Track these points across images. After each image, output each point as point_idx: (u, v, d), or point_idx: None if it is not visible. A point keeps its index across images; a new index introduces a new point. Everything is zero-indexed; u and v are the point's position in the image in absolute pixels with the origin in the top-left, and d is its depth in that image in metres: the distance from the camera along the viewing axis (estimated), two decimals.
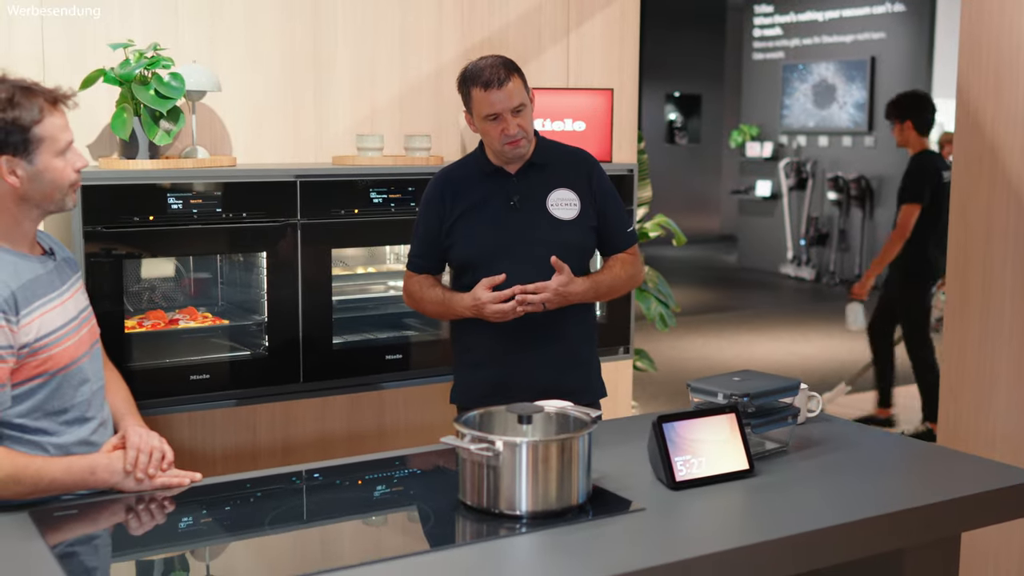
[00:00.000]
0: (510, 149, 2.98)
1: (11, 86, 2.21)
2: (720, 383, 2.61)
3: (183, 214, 3.32)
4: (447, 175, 3.14)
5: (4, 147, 2.19)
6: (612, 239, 3.14)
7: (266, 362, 3.52)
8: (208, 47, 3.68)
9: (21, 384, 2.22)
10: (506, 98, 2.91)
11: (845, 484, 2.43)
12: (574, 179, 3.09)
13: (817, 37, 12.79)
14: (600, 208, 3.10)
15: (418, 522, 2.30)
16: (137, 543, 2.15)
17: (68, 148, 2.27)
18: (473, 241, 3.04)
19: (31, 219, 2.29)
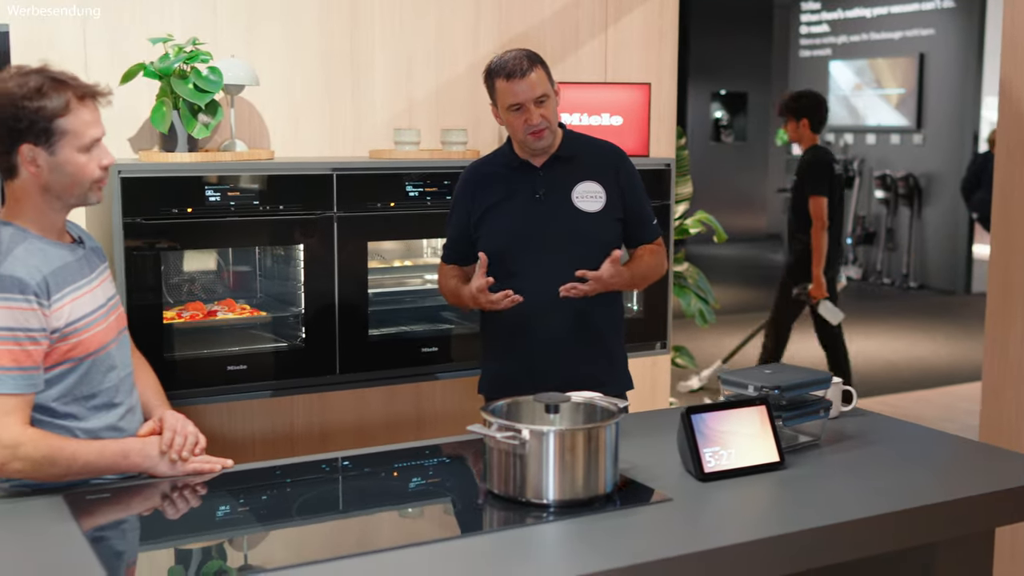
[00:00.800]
0: (533, 140, 3.00)
1: (43, 77, 2.24)
2: (751, 375, 2.60)
3: (221, 207, 3.35)
4: (476, 169, 3.19)
5: (26, 135, 2.22)
6: (637, 231, 3.16)
7: (303, 353, 3.55)
8: (246, 42, 3.72)
9: (51, 368, 2.26)
10: (528, 88, 2.94)
11: (877, 478, 2.41)
12: (600, 172, 3.10)
13: (865, 34, 12.66)
14: (626, 201, 3.11)
15: (446, 510, 2.30)
16: (169, 528, 2.17)
17: (94, 144, 2.29)
18: (499, 234, 3.07)
19: (55, 210, 2.32)
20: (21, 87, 2.21)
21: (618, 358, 3.21)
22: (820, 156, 6.37)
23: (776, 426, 2.44)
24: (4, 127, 2.22)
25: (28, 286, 2.19)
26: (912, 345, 8.88)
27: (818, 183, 6.28)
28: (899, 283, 12.09)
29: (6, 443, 2.15)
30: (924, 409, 6.75)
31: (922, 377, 7.77)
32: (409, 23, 3.98)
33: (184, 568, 2.02)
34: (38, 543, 2.03)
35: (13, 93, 2.21)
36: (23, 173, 2.26)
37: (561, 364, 3.05)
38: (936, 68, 11.81)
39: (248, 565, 2.02)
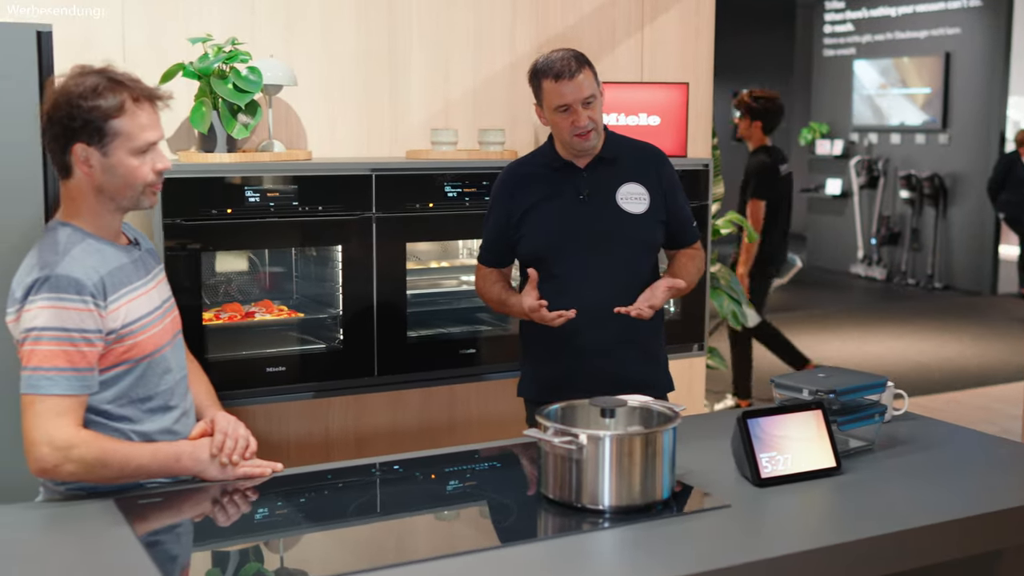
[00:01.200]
0: (579, 141, 2.97)
1: (101, 76, 2.22)
2: (805, 379, 2.56)
3: (260, 207, 3.33)
4: (516, 169, 3.15)
5: (80, 134, 2.20)
6: (678, 234, 3.13)
7: (341, 355, 3.52)
8: (284, 42, 3.70)
9: (107, 370, 2.24)
10: (576, 89, 2.90)
11: (936, 483, 2.37)
12: (643, 173, 3.07)
13: (890, 33, 12.58)
14: (667, 201, 3.08)
15: (500, 516, 2.27)
16: (221, 532, 2.15)
17: (149, 148, 2.26)
18: (543, 234, 3.03)
19: (109, 211, 2.29)
20: (78, 86, 2.19)
21: (660, 360, 3.18)
22: (766, 159, 6.49)
23: (832, 431, 2.40)
24: (59, 125, 2.20)
25: (85, 287, 2.17)
26: (941, 346, 8.81)
27: (760, 187, 6.42)
28: (924, 284, 12.01)
29: (59, 444, 2.14)
30: (958, 411, 6.70)
31: (953, 378, 7.71)
32: (446, 23, 3.96)
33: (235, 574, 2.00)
34: (92, 547, 2.02)
35: (70, 91, 2.19)
36: (77, 173, 2.24)
37: (603, 367, 3.02)
38: (962, 67, 11.73)
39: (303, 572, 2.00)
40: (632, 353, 3.06)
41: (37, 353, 2.14)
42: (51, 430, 2.13)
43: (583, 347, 3.02)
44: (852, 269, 12.90)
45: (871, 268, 12.65)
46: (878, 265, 12.57)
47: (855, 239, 12.91)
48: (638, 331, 3.05)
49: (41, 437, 2.14)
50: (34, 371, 2.14)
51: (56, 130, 2.21)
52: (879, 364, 8.00)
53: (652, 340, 3.13)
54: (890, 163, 12.51)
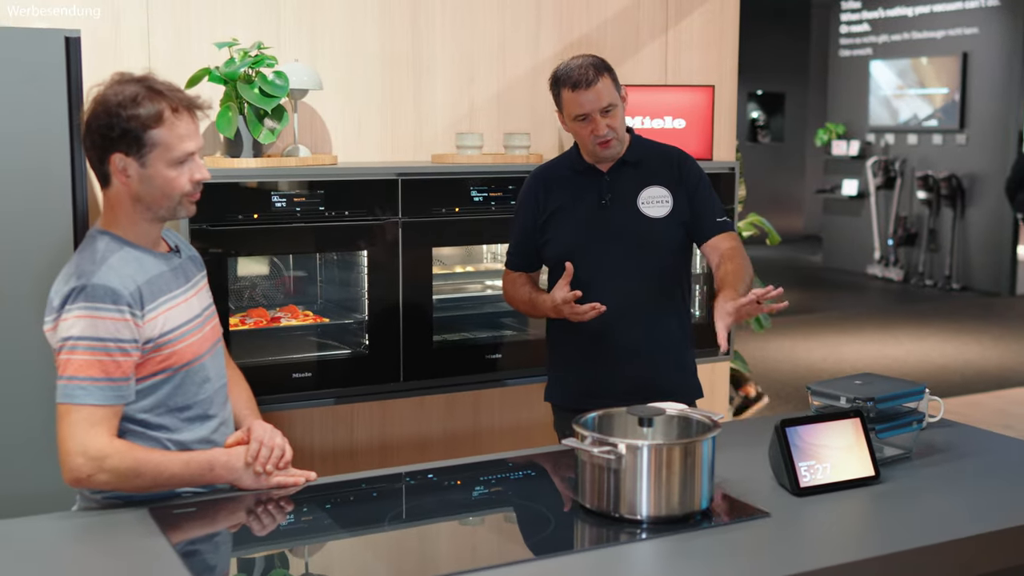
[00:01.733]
0: (601, 150, 2.95)
1: (141, 86, 2.20)
2: (842, 386, 2.53)
3: (286, 212, 3.32)
4: (541, 173, 3.13)
5: (118, 144, 2.19)
6: (703, 225, 3.02)
7: (367, 361, 3.51)
8: (309, 46, 3.69)
9: (145, 379, 2.22)
10: (595, 99, 2.88)
11: (977, 492, 2.34)
12: (665, 175, 3.04)
13: (907, 33, 12.52)
14: (690, 196, 3.03)
15: (536, 526, 2.25)
16: (256, 542, 2.13)
17: (187, 158, 2.24)
18: (565, 239, 3.02)
19: (147, 220, 2.28)
20: (117, 95, 2.17)
21: (688, 366, 3.15)
22: None
23: (871, 439, 2.37)
24: (98, 134, 2.19)
25: (121, 296, 2.16)
26: (960, 348, 8.77)
27: None
28: (942, 285, 11.95)
29: (92, 455, 2.12)
30: (977, 414, 6.65)
31: (974, 381, 7.66)
32: (470, 27, 3.94)
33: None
34: (127, 556, 2.01)
35: (109, 101, 2.17)
36: (115, 182, 2.23)
37: (631, 372, 3.00)
38: (980, 67, 11.67)
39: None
40: (660, 358, 3.04)
41: (72, 363, 2.13)
42: (85, 440, 2.12)
43: (610, 352, 3.00)
44: (869, 270, 12.85)
45: (888, 269, 12.59)
46: (895, 266, 12.51)
47: (872, 240, 12.86)
48: (666, 335, 3.03)
49: (75, 447, 2.12)
50: (69, 380, 2.13)
51: (95, 139, 2.20)
52: (900, 367, 7.96)
53: (680, 345, 3.10)
54: (907, 163, 12.46)
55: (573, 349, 3.07)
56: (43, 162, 2.92)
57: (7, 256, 2.91)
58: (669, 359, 3.06)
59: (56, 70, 2.90)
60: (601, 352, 3.00)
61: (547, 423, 4.15)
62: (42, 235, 2.94)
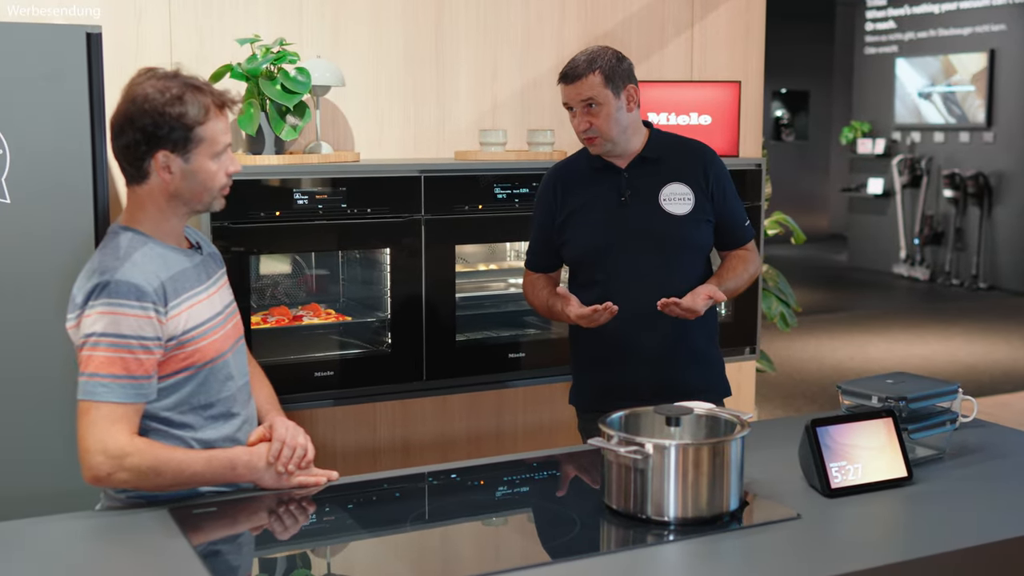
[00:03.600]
0: (587, 144, 2.94)
1: (183, 83, 2.18)
2: (873, 385, 2.48)
3: (308, 210, 3.29)
4: (557, 172, 3.08)
5: (164, 142, 2.17)
6: (729, 234, 3.03)
7: (390, 359, 3.48)
8: (331, 42, 3.66)
9: (168, 377, 2.20)
10: (575, 93, 2.87)
11: (1011, 494, 2.29)
12: (688, 173, 2.97)
13: (933, 30, 12.41)
14: (717, 202, 2.98)
15: (561, 528, 2.21)
16: (277, 543, 2.11)
17: (224, 152, 2.24)
18: (584, 238, 2.96)
19: (178, 215, 2.26)
20: (162, 93, 2.15)
21: (715, 364, 3.10)
22: None
23: (903, 439, 2.32)
24: (143, 133, 2.16)
25: (145, 293, 2.13)
26: (989, 348, 8.66)
27: None
28: (968, 284, 11.83)
29: (113, 453, 2.10)
30: (1006, 414, 6.56)
31: (1002, 381, 7.57)
32: (494, 22, 3.90)
33: None
34: (147, 557, 1.98)
35: (154, 99, 2.15)
36: (153, 179, 2.20)
37: (655, 371, 2.95)
38: (1007, 64, 11.55)
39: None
40: (685, 357, 2.99)
41: (94, 359, 2.11)
42: (105, 438, 2.10)
43: (633, 352, 2.95)
44: (895, 269, 12.74)
45: (914, 268, 12.48)
46: (921, 265, 12.40)
47: (898, 239, 12.75)
48: (690, 334, 2.98)
49: (95, 445, 2.10)
50: (90, 377, 2.10)
51: (137, 137, 2.17)
52: (927, 367, 7.87)
53: (706, 343, 3.05)
54: (933, 162, 12.34)
55: (597, 351, 3.02)
56: (64, 159, 2.90)
57: (29, 253, 2.90)
58: (694, 357, 3.01)
59: (77, 67, 2.88)
60: (624, 352, 2.96)
61: (571, 423, 4.12)
62: (64, 232, 2.92)
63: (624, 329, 2.91)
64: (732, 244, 3.06)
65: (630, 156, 2.96)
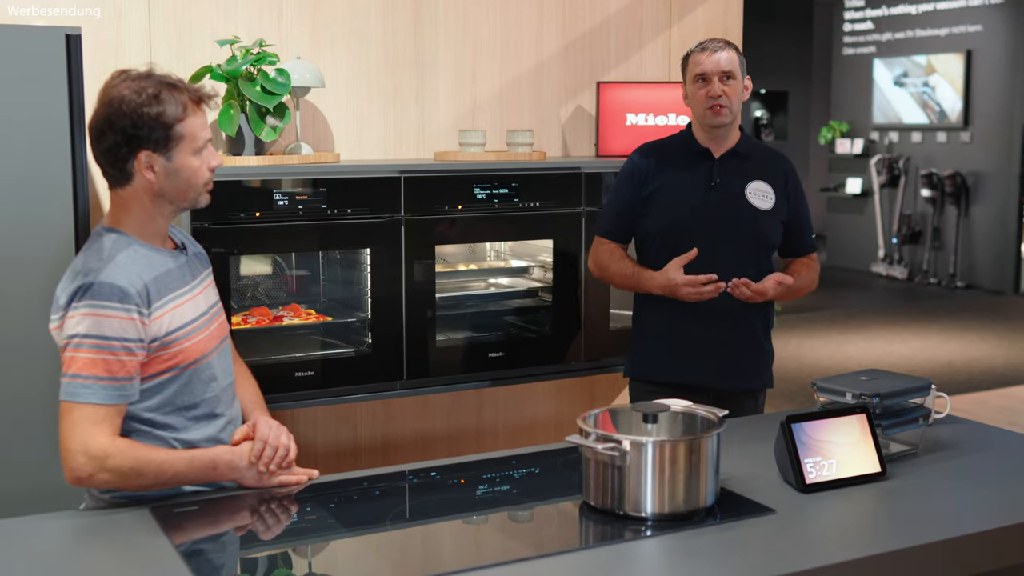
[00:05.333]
0: (711, 115, 3.05)
1: (158, 82, 2.19)
2: (848, 383, 2.52)
3: (288, 210, 3.31)
4: (649, 148, 3.23)
5: (145, 142, 2.18)
6: (796, 242, 3.21)
7: (370, 359, 3.49)
8: (311, 43, 3.67)
9: (151, 378, 2.21)
10: (716, 62, 3.04)
11: (984, 489, 2.32)
12: (772, 174, 3.16)
13: (910, 31, 12.50)
14: (792, 207, 3.17)
15: (540, 523, 2.24)
16: (259, 542, 2.12)
17: (205, 147, 2.26)
18: (672, 214, 3.10)
19: (164, 215, 2.27)
20: (138, 93, 2.16)
21: (768, 354, 3.24)
22: None
23: (877, 435, 2.35)
24: (123, 135, 2.17)
25: (129, 295, 2.14)
26: (966, 346, 8.74)
27: None
28: (946, 283, 11.92)
29: (94, 454, 2.11)
30: (983, 412, 6.63)
31: (979, 379, 7.64)
32: (473, 23, 3.92)
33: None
34: (128, 556, 1.99)
35: (131, 100, 2.16)
36: (137, 180, 2.21)
37: (715, 352, 3.10)
38: (984, 65, 11.64)
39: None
40: (742, 343, 3.13)
41: (76, 360, 2.12)
42: (87, 439, 2.11)
43: (693, 331, 3.09)
44: (873, 268, 12.83)
45: (892, 267, 12.57)
46: (899, 264, 12.49)
47: (876, 238, 12.83)
48: (751, 321, 3.13)
49: (76, 446, 2.11)
50: (73, 378, 2.11)
51: (118, 139, 2.17)
52: (905, 365, 7.94)
53: (763, 332, 3.18)
54: (911, 161, 12.43)
55: (660, 326, 3.16)
56: (44, 161, 2.91)
57: (9, 256, 2.90)
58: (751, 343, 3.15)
59: (57, 68, 2.89)
60: (688, 331, 3.10)
61: (550, 421, 4.15)
62: (44, 234, 2.92)
63: (691, 310, 3.06)
64: (798, 251, 3.24)
65: (725, 148, 3.13)
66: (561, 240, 3.73)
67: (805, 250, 3.24)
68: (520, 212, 3.65)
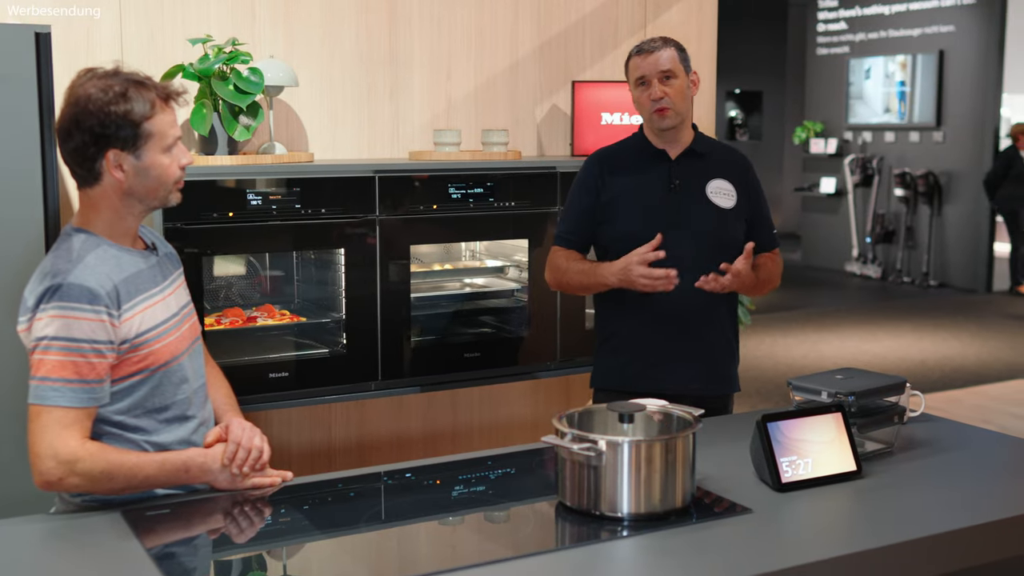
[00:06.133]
0: (657, 117, 2.99)
1: (125, 80, 2.17)
2: (823, 381, 2.52)
3: (262, 210, 3.28)
4: (604, 154, 3.15)
5: (113, 141, 2.15)
6: (759, 238, 3.10)
7: (345, 360, 3.47)
8: (284, 42, 3.65)
9: (121, 380, 2.18)
10: (654, 63, 2.97)
11: (958, 487, 2.33)
12: (731, 172, 3.11)
13: (883, 31, 12.57)
14: (752, 204, 3.12)
15: (516, 524, 2.23)
16: (232, 545, 2.10)
17: (174, 144, 2.23)
18: (633, 219, 3.03)
19: (134, 214, 2.25)
20: (105, 91, 2.13)
21: (734, 358, 3.17)
22: None
23: (852, 434, 2.36)
24: (90, 134, 2.14)
25: (98, 296, 2.12)
26: (939, 345, 8.79)
27: None
28: (919, 281, 12.00)
29: (63, 458, 2.08)
30: (957, 410, 6.67)
31: (953, 377, 7.69)
32: (447, 22, 3.91)
33: None
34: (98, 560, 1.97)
35: (98, 99, 2.13)
36: (106, 179, 2.19)
37: (688, 358, 3.03)
38: (956, 65, 11.72)
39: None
40: (716, 344, 3.07)
41: (45, 363, 2.09)
42: (56, 443, 2.08)
43: (666, 335, 3.02)
44: (847, 267, 12.89)
45: (866, 266, 12.63)
46: (873, 263, 12.56)
47: (850, 237, 12.90)
48: (722, 322, 3.08)
49: (46, 450, 2.08)
50: (42, 381, 2.09)
51: (85, 138, 2.15)
52: (879, 363, 7.98)
53: (731, 336, 3.13)
54: (884, 161, 12.50)
55: (623, 334, 3.07)
56: (13, 160, 2.87)
57: None
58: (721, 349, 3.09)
59: (26, 67, 2.86)
60: (654, 335, 3.02)
61: (526, 421, 4.14)
62: (13, 235, 2.89)
63: (663, 309, 2.99)
64: (759, 247, 3.11)
65: (680, 147, 3.07)
66: (536, 239, 3.73)
67: (767, 246, 3.14)
68: (495, 212, 3.64)
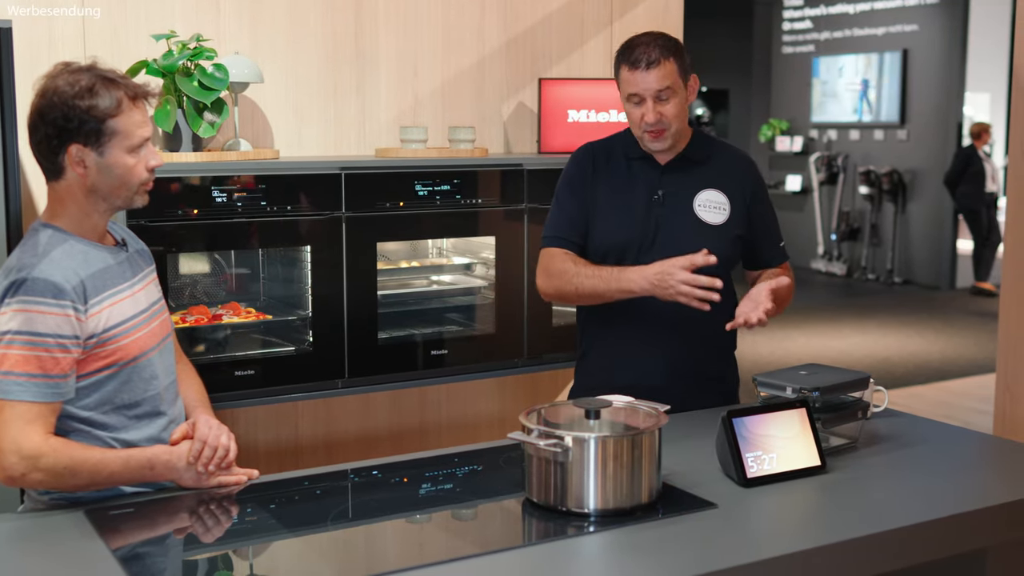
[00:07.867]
0: (649, 139, 2.71)
1: (94, 75, 2.15)
2: (788, 377, 2.53)
3: (227, 208, 3.26)
4: (594, 149, 2.86)
5: (75, 135, 2.14)
6: (764, 252, 2.87)
7: (311, 357, 3.46)
8: (249, 38, 3.63)
9: (88, 376, 2.16)
10: (651, 81, 2.64)
11: (921, 481, 2.35)
12: (728, 181, 2.80)
13: (848, 30, 12.67)
14: (752, 217, 2.82)
15: (484, 521, 2.23)
16: (198, 544, 2.09)
17: (142, 145, 2.21)
18: (610, 230, 2.77)
19: (99, 212, 2.23)
20: (72, 85, 2.12)
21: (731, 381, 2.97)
22: None
23: (816, 429, 2.37)
24: (53, 127, 2.13)
25: (63, 291, 2.10)
26: (903, 341, 8.88)
27: None
28: (884, 279, 12.11)
29: (26, 454, 2.06)
30: (920, 406, 6.73)
31: (916, 373, 7.76)
32: (414, 18, 3.90)
33: None
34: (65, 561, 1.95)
35: (64, 92, 2.12)
36: (69, 174, 2.17)
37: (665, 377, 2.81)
38: (920, 64, 11.83)
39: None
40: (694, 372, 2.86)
41: (8, 357, 2.07)
42: (19, 438, 2.06)
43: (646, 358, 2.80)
44: (813, 265, 12.98)
45: (831, 264, 12.73)
46: (838, 260, 12.66)
47: (815, 235, 12.99)
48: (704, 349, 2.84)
49: (8, 445, 2.07)
50: (5, 376, 2.07)
51: (49, 131, 2.14)
52: (845, 360, 8.04)
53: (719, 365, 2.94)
54: (849, 159, 12.60)
55: (609, 352, 2.86)
56: None
57: None
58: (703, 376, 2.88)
59: None
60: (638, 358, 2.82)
61: (493, 418, 4.14)
62: None
63: (641, 330, 2.79)
64: (764, 263, 2.88)
65: (672, 153, 2.78)
66: (504, 237, 3.73)
67: (773, 262, 2.87)
68: (462, 209, 3.63)
